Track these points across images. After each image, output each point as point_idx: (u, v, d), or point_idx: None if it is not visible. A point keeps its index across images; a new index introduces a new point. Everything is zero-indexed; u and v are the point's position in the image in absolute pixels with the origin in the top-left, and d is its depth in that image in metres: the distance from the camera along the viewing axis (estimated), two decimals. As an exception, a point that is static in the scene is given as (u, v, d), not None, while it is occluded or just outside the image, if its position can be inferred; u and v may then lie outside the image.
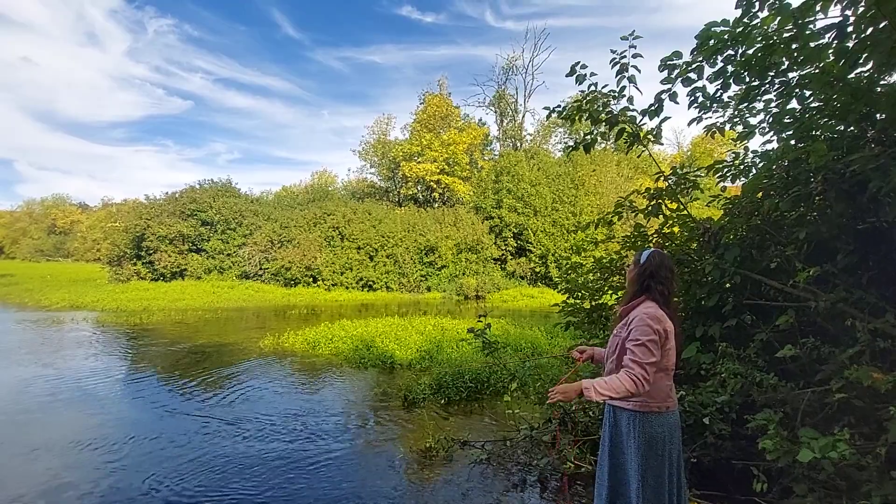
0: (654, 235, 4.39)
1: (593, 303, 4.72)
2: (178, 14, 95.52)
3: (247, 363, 8.30)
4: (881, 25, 2.79)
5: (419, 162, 31.17)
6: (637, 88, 4.00)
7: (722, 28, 3.51)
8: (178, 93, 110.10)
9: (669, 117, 4.09)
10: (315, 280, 23.16)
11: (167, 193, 26.01)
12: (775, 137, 3.94)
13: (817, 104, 3.47)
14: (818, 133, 3.44)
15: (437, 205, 31.68)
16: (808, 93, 3.52)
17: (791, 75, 3.60)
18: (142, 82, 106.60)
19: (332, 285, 22.95)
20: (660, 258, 2.35)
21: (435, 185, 31.68)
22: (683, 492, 2.31)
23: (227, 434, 4.99)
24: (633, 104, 4.09)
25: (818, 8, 2.92)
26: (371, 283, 23.48)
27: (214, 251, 24.49)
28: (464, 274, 24.36)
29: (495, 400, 6.13)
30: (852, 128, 3.31)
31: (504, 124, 39.06)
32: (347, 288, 22.94)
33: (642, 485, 2.21)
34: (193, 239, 24.35)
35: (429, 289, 24.14)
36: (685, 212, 4.27)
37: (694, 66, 3.78)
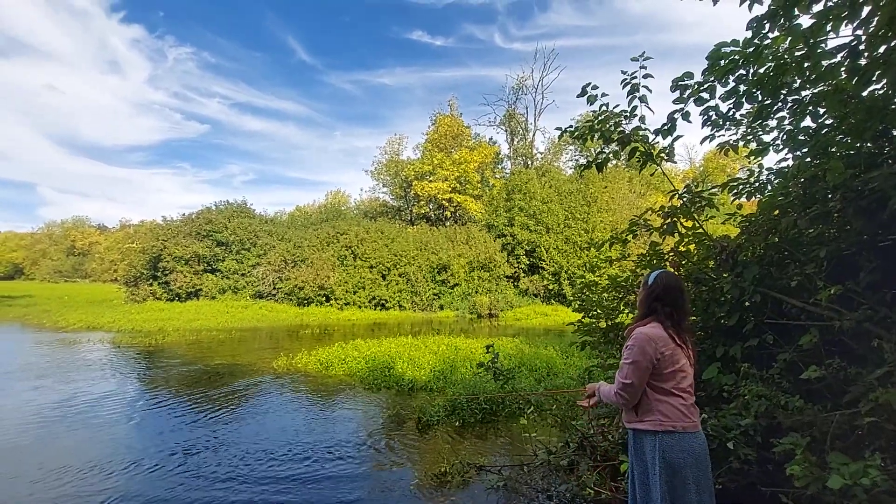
0: (670, 254, 4.35)
1: (609, 322, 4.66)
2: (196, 42, 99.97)
3: (260, 384, 8.32)
4: (893, 44, 2.80)
5: (431, 181, 31.45)
6: (649, 108, 4.02)
7: (732, 48, 3.53)
8: (196, 117, 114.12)
9: (682, 136, 4.09)
10: (328, 299, 23.27)
11: (183, 215, 26.66)
12: (790, 155, 3.92)
13: (832, 122, 3.46)
14: (834, 150, 3.42)
15: (448, 223, 31.83)
16: (821, 110, 3.51)
17: (804, 93, 3.59)
18: (161, 107, 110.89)
19: (345, 304, 23.04)
20: (667, 279, 2.36)
21: (447, 204, 31.88)
22: None
23: (237, 457, 4.97)
24: (644, 123, 4.11)
25: (829, 28, 2.93)
26: (384, 301, 23.51)
27: (229, 271, 24.81)
28: (476, 292, 24.29)
29: (511, 422, 6.04)
30: (869, 145, 3.28)
31: (515, 143, 39.37)
32: (360, 307, 22.99)
33: None
34: (209, 259, 24.72)
35: (441, 307, 24.08)
36: (701, 230, 4.23)
37: (706, 85, 3.79)
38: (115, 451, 5.10)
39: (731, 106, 3.88)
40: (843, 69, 3.09)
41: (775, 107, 3.77)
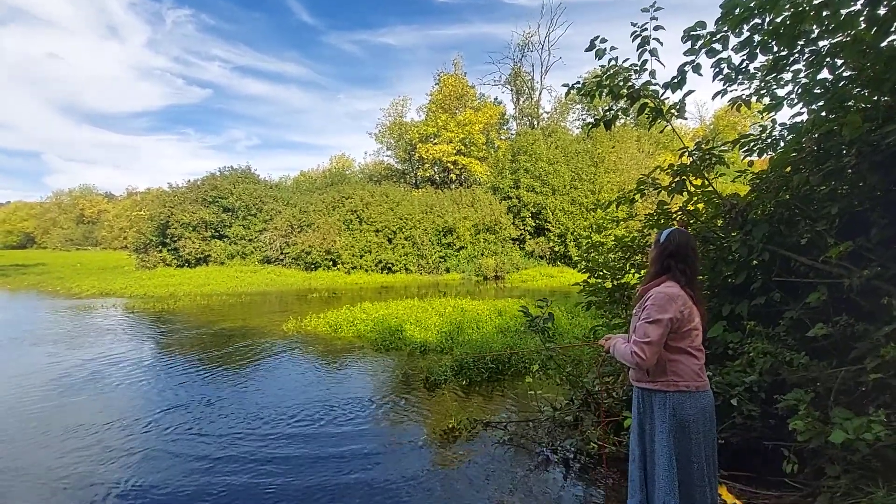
0: (678, 213, 4.30)
1: (615, 282, 4.67)
2: (194, 4, 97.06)
3: (271, 346, 8.52)
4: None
5: (435, 143, 30.95)
6: (659, 62, 3.87)
7: (748, -5, 3.35)
8: (197, 82, 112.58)
9: (693, 90, 3.95)
10: (335, 263, 23.46)
11: (189, 181, 26.58)
12: (805, 109, 3.78)
13: (850, 73, 3.32)
14: (851, 104, 3.29)
15: (454, 186, 31.55)
16: (839, 62, 3.36)
17: (822, 44, 3.43)
18: (162, 72, 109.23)
19: (352, 268, 23.24)
20: (680, 237, 2.33)
21: (452, 167, 31.49)
22: (715, 475, 2.29)
23: (251, 415, 5.15)
24: (655, 78, 3.97)
25: (848, -26, 2.77)
26: (390, 265, 23.68)
27: (236, 237, 24.97)
28: (482, 254, 24.35)
29: (517, 381, 6.18)
30: (887, 98, 3.15)
31: (520, 102, 38.36)
32: (367, 271, 23.19)
33: (671, 469, 2.21)
34: (216, 225, 24.85)
35: (448, 270, 24.23)
36: (710, 188, 4.16)
37: (719, 36, 3.63)
38: (134, 413, 5.29)
39: (745, 58, 3.73)
40: (862, 18, 2.93)
41: (791, 58, 3.61)
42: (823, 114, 3.47)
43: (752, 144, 4.18)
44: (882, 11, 2.85)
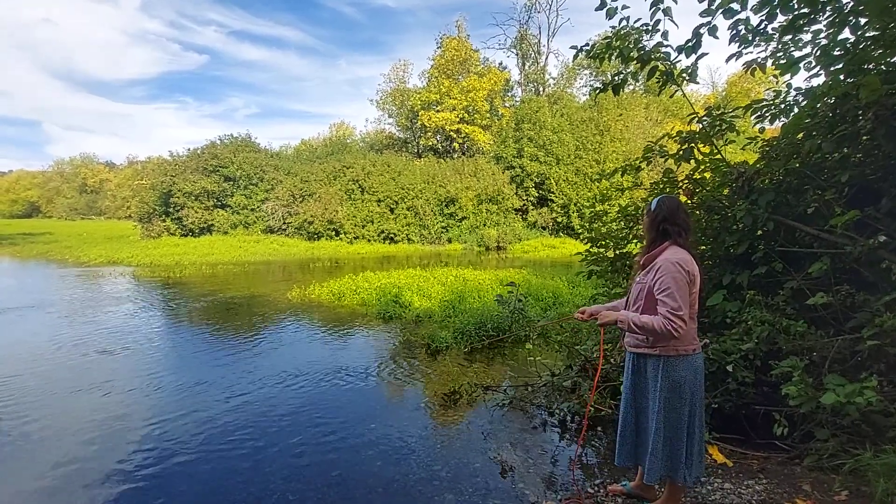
0: (685, 181, 4.22)
1: (617, 252, 4.65)
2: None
3: (276, 314, 8.62)
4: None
5: (438, 111, 30.36)
6: (673, 22, 3.71)
7: (770, -51, 3.18)
8: (194, 47, 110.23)
9: (707, 53, 3.81)
10: (337, 233, 23.47)
11: (189, 150, 26.34)
12: (822, 73, 3.65)
13: (873, 33, 3.18)
14: (871, 66, 3.17)
15: (456, 155, 31.15)
16: (862, 21, 3.21)
17: (845, 0, 3.28)
18: (157, 38, 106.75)
19: (354, 238, 23.27)
20: (669, 202, 2.36)
21: (454, 135, 30.99)
22: (702, 432, 2.35)
23: (259, 380, 5.25)
24: (667, 40, 3.82)
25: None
26: (392, 235, 23.67)
27: (239, 206, 24.91)
28: (485, 225, 24.27)
29: (516, 348, 6.25)
30: (910, 59, 3.04)
31: (526, 67, 37.35)
32: (369, 241, 23.23)
33: (663, 426, 2.27)
34: (218, 195, 24.76)
35: (450, 240, 24.23)
36: (719, 156, 4.07)
37: (738, -6, 3.46)
38: (152, 379, 5.41)
39: (763, 17, 3.57)
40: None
41: (811, 17, 3.45)
42: (841, 77, 3.35)
43: (764, 110, 4.06)
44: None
